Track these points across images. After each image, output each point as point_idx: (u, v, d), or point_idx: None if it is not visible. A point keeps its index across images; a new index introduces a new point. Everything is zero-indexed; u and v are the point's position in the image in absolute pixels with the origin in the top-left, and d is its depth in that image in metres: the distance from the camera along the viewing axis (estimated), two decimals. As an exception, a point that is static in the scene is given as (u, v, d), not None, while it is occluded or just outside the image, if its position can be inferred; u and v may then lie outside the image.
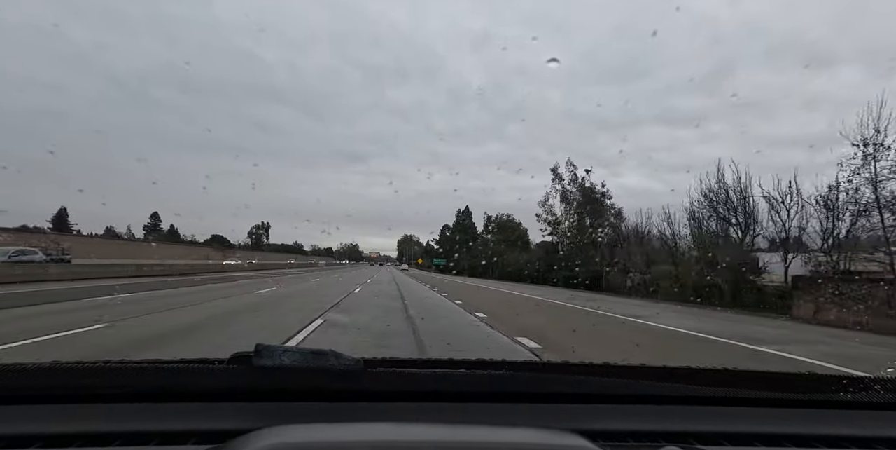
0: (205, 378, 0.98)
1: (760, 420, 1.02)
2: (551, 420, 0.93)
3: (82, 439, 0.86)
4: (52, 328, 7.05)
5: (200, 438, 0.86)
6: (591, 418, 0.99)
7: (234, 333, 7.34)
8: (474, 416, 0.98)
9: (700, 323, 11.81)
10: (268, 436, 0.75)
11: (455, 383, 1.01)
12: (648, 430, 0.96)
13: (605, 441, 0.87)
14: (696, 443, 0.92)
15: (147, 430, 0.89)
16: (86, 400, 0.96)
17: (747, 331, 10.71)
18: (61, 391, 0.97)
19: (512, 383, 1.03)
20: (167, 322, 8.30)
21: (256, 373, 0.94)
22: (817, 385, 1.08)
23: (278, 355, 0.93)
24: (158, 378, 0.98)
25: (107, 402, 0.97)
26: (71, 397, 0.97)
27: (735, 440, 0.94)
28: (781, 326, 12.59)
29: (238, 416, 0.93)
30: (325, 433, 0.81)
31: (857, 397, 1.05)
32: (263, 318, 9.77)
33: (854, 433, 0.98)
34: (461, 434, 0.83)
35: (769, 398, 1.04)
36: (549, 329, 9.61)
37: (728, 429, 0.98)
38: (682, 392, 1.03)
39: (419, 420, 0.91)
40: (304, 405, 0.98)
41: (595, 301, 16.88)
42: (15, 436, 0.86)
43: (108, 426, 0.90)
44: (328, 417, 0.94)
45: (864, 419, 1.04)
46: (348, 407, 0.98)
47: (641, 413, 1.02)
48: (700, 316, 14.35)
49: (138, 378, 0.98)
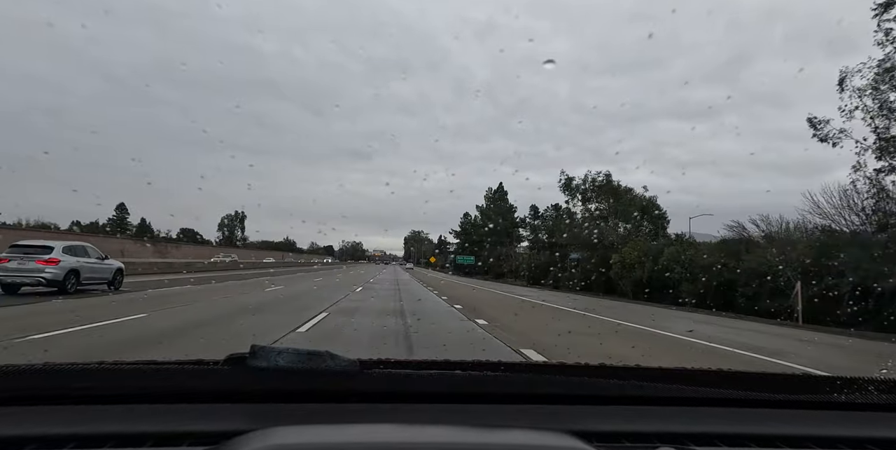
0: (199, 379, 0.98)
1: (755, 421, 1.03)
2: (547, 421, 0.93)
3: (76, 440, 0.86)
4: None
5: (195, 439, 0.86)
6: (586, 419, 0.99)
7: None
8: (470, 417, 0.98)
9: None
10: (263, 437, 0.75)
11: (451, 385, 1.01)
12: (643, 431, 0.96)
13: (601, 442, 0.87)
14: (690, 444, 0.92)
15: (141, 431, 0.88)
16: (79, 401, 0.96)
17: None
18: (54, 392, 0.96)
19: (508, 384, 1.04)
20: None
21: (251, 374, 0.94)
22: (812, 386, 1.09)
23: (273, 356, 0.93)
24: (153, 379, 0.98)
25: (100, 403, 0.96)
26: (64, 399, 0.96)
27: (729, 441, 0.95)
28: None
29: (233, 417, 0.92)
30: (321, 435, 0.81)
31: (850, 398, 1.06)
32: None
33: (848, 434, 0.98)
34: (457, 435, 0.83)
35: (764, 399, 1.05)
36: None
37: (722, 430, 0.98)
38: (677, 393, 1.04)
39: (415, 421, 0.91)
40: (300, 406, 0.97)
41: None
42: (7, 438, 0.86)
43: (101, 428, 0.89)
44: (324, 418, 0.94)
45: (858, 420, 1.04)
46: (344, 408, 0.98)
47: (637, 414, 1.02)
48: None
49: (132, 379, 0.98)
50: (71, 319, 8.51)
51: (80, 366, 0.98)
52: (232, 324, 9.42)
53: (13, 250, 13.71)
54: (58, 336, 7.26)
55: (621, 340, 9.43)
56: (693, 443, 0.92)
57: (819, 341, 11.05)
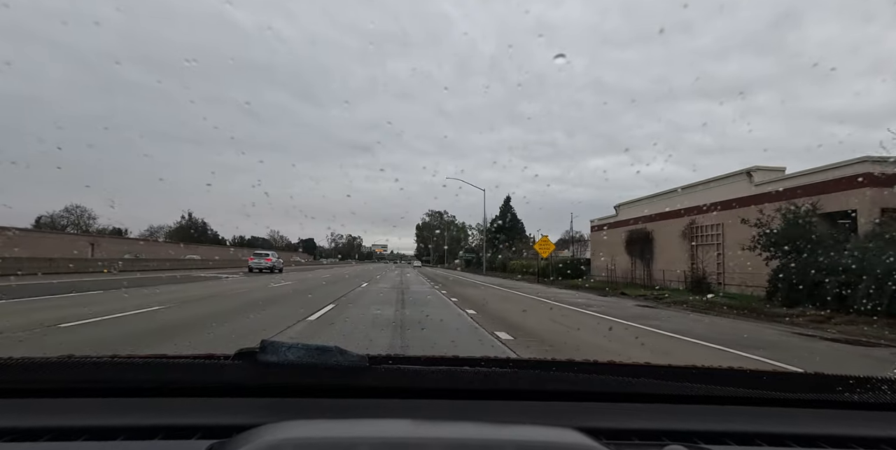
0: (210, 373, 0.99)
1: (765, 420, 1.02)
2: (555, 418, 0.93)
3: (88, 432, 0.87)
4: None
5: (206, 432, 0.87)
6: (595, 416, 0.99)
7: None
8: (479, 413, 0.98)
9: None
10: (273, 431, 0.75)
11: (460, 381, 1.02)
12: (653, 428, 0.96)
13: (610, 439, 0.87)
14: (700, 442, 0.92)
15: (152, 424, 0.90)
16: (92, 394, 0.98)
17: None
18: (68, 385, 0.98)
19: (516, 380, 1.04)
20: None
21: (261, 369, 0.94)
22: (823, 385, 1.08)
23: (283, 351, 0.94)
24: (164, 373, 0.99)
25: (113, 396, 0.98)
26: (77, 391, 0.98)
27: (739, 439, 0.94)
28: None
29: (243, 411, 0.93)
30: (330, 429, 0.82)
31: (863, 398, 1.05)
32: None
33: (859, 433, 0.97)
34: (466, 431, 0.83)
35: (774, 398, 1.04)
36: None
37: (732, 428, 0.98)
38: (687, 391, 1.03)
39: (424, 417, 0.91)
40: (309, 401, 0.98)
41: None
42: (23, 429, 0.88)
43: (113, 420, 0.91)
44: (333, 413, 0.94)
45: (870, 420, 1.03)
46: (353, 403, 0.99)
47: (646, 411, 1.02)
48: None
49: (144, 373, 0.99)
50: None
51: (92, 359, 0.99)
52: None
53: (254, 256, 36.91)
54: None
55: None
56: (703, 441, 0.92)
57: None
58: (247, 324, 8.35)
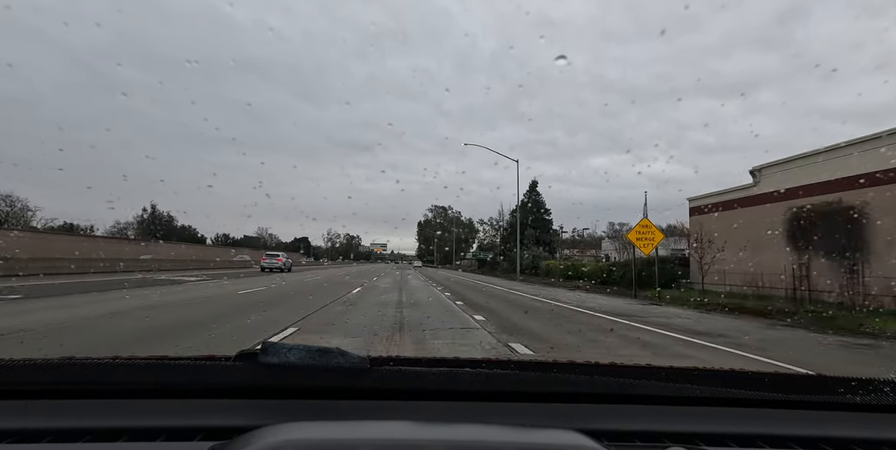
0: (211, 375, 0.99)
1: (767, 421, 1.02)
2: (557, 420, 0.93)
3: (90, 434, 0.87)
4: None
5: (207, 434, 0.87)
6: (596, 417, 0.99)
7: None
8: (480, 415, 0.98)
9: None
10: (274, 433, 0.75)
11: (461, 382, 1.01)
12: (654, 430, 0.96)
13: (611, 441, 0.86)
14: (701, 444, 0.91)
15: (154, 426, 0.90)
16: (93, 396, 0.98)
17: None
18: (70, 387, 0.98)
19: (518, 382, 1.03)
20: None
21: (263, 370, 0.94)
22: (825, 387, 1.07)
23: (284, 352, 0.94)
24: (165, 375, 0.99)
25: (114, 398, 0.98)
26: (78, 393, 0.98)
27: (741, 441, 0.94)
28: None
29: (244, 413, 0.93)
30: (331, 431, 0.82)
31: (865, 400, 1.04)
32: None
33: (861, 435, 0.97)
34: (467, 433, 0.83)
35: (776, 400, 1.04)
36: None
37: (734, 430, 0.98)
38: (688, 393, 1.03)
39: (425, 419, 0.91)
40: (311, 403, 0.98)
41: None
42: (25, 430, 0.88)
43: (115, 422, 0.91)
44: (334, 414, 0.94)
45: (874, 422, 1.03)
46: (354, 405, 0.99)
47: (647, 413, 1.01)
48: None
49: (145, 374, 0.99)
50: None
51: (93, 361, 0.99)
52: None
53: (266, 256, 40.00)
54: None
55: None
56: (704, 443, 0.92)
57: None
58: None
